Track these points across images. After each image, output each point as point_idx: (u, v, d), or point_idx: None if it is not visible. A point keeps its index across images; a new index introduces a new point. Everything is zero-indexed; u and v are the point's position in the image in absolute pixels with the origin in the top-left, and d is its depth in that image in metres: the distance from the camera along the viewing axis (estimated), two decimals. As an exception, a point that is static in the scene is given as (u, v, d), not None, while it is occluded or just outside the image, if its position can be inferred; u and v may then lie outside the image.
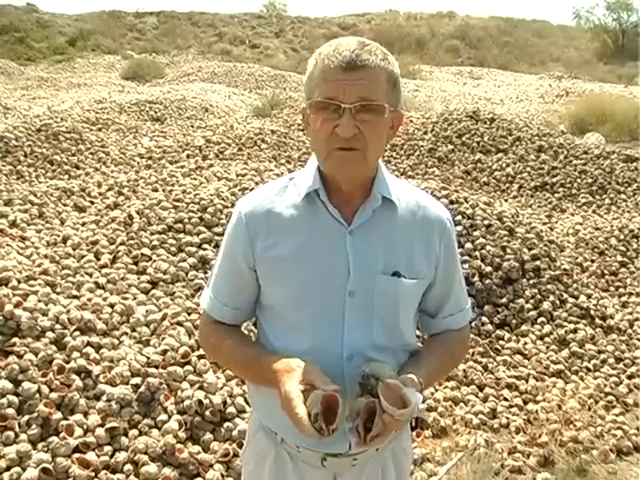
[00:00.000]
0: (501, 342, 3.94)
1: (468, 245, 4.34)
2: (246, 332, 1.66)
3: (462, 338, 1.59)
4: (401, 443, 1.56)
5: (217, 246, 4.08)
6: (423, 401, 1.40)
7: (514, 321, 4.07)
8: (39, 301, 3.21)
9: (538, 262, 4.37)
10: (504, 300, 4.16)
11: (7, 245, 4.11)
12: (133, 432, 2.75)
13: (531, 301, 4.17)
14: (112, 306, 3.36)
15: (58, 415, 2.71)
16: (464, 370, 3.64)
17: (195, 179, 5.37)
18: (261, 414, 1.53)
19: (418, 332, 1.58)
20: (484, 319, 4.02)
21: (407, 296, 1.42)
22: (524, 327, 4.04)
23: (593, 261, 5.16)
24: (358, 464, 1.47)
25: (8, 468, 2.51)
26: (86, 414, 2.76)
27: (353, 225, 1.38)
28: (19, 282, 3.40)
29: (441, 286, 1.49)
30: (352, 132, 1.25)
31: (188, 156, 6.80)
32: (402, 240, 1.41)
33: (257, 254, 1.40)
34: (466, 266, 4.13)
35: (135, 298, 3.50)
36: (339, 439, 1.30)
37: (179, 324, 3.29)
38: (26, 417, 2.68)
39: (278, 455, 1.49)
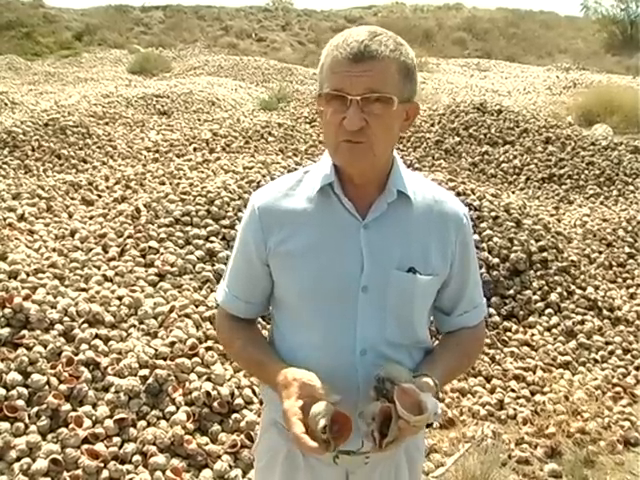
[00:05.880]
0: (508, 333, 3.94)
1: (475, 237, 4.33)
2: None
3: (478, 336, 1.56)
4: (415, 441, 1.54)
5: (224, 239, 4.09)
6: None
7: (521, 312, 4.06)
8: (48, 294, 3.24)
9: (545, 254, 4.36)
10: (511, 292, 4.15)
11: (16, 239, 4.13)
12: (141, 423, 2.77)
13: (538, 292, 4.17)
14: (120, 299, 3.38)
15: (67, 406, 2.74)
16: (471, 362, 3.64)
17: (202, 172, 5.37)
18: (274, 410, 1.50)
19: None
20: (491, 310, 4.01)
21: (422, 293, 1.40)
22: (531, 318, 4.03)
23: (601, 252, 5.14)
24: (371, 462, 1.46)
25: (18, 459, 2.55)
26: (95, 405, 2.79)
27: (367, 219, 1.36)
28: (28, 275, 3.43)
29: (456, 283, 1.47)
30: (359, 124, 1.24)
31: (195, 149, 6.80)
32: (418, 235, 1.39)
33: (270, 248, 1.39)
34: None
35: (143, 291, 3.52)
36: (351, 436, 1.29)
37: (187, 316, 3.31)
38: (35, 408, 2.71)
39: (290, 452, 1.48)
